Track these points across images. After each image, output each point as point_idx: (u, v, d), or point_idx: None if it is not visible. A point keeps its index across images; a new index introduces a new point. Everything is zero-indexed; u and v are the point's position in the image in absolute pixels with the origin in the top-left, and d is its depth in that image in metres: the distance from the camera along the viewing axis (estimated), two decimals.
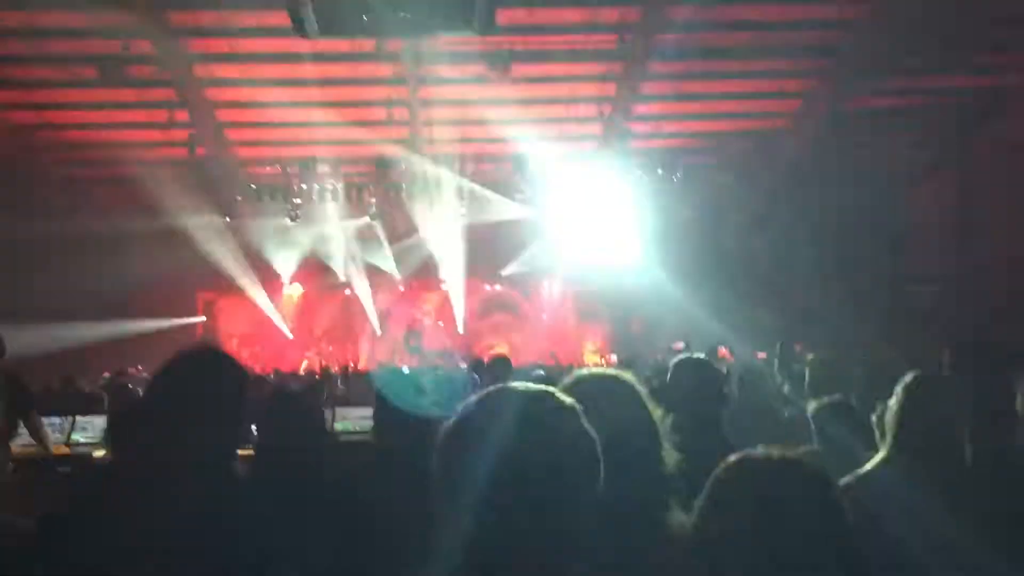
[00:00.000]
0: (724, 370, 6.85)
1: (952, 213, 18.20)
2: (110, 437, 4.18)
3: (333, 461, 3.59)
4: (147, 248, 18.46)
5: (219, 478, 2.32)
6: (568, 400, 1.61)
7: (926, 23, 14.12)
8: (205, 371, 2.37)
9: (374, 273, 21.65)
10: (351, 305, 22.30)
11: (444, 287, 22.17)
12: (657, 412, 2.30)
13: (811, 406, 4.56)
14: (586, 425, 1.57)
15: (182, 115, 15.52)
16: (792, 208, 17.20)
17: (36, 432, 5.88)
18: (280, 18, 11.57)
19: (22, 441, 5.68)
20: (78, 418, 6.72)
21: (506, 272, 21.76)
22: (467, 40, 13.53)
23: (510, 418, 1.52)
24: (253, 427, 3.67)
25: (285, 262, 20.95)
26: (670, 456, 2.23)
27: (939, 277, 17.97)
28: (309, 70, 14.80)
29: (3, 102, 15.57)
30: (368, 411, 3.76)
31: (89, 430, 6.68)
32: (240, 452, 5.15)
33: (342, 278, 21.72)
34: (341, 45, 13.39)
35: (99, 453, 6.16)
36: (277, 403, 3.74)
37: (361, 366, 19.45)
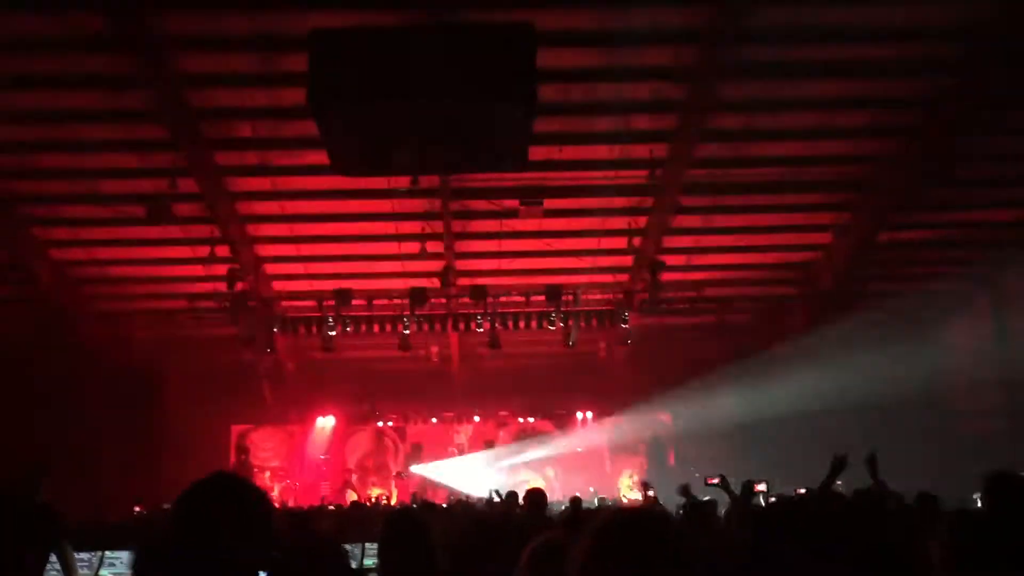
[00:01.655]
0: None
1: (989, 343, 17.98)
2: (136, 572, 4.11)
3: None
4: (183, 381, 18.66)
5: None
6: None
7: (955, 156, 14.36)
8: (225, 498, 2.35)
9: (406, 405, 21.63)
10: (383, 437, 22.20)
11: (476, 419, 22.05)
12: None
13: None
14: None
15: (223, 250, 15.91)
16: (829, 343, 17.06)
17: (67, 567, 5.84)
18: (319, 157, 12.02)
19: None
20: (107, 553, 6.66)
21: (541, 405, 21.66)
22: (500, 175, 13.94)
23: None
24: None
25: (318, 393, 20.96)
26: None
27: (984, 412, 17.63)
28: (346, 205, 15.24)
29: (50, 239, 16.08)
30: None
31: (117, 566, 6.60)
32: None
33: (374, 410, 21.72)
34: (378, 181, 13.79)
35: None
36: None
37: (394, 500, 19.20)
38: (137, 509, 13.02)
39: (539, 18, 8.71)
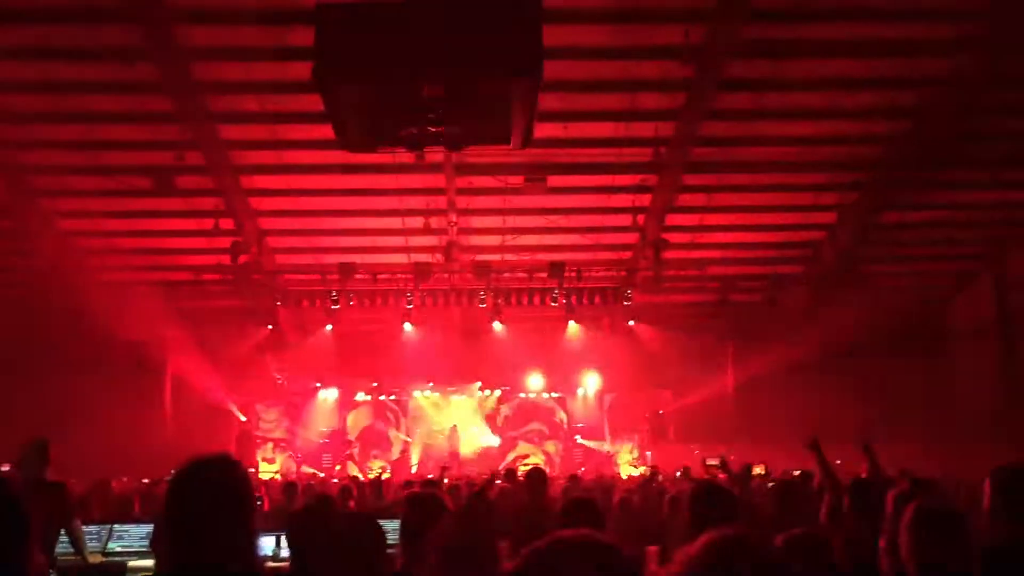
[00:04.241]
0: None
1: (991, 320, 18.05)
2: (155, 546, 4.22)
3: None
4: (186, 352, 18.73)
5: None
6: None
7: (962, 137, 14.33)
8: (211, 480, 2.43)
9: (408, 379, 21.68)
10: (384, 410, 22.29)
11: (478, 394, 22.12)
12: None
13: None
14: None
15: (227, 223, 15.94)
16: (828, 321, 17.12)
17: (76, 540, 5.93)
18: (325, 131, 12.01)
19: (60, 549, 5.70)
20: (115, 526, 6.71)
21: (542, 380, 21.71)
22: (505, 152, 13.91)
23: None
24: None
25: (319, 366, 20.99)
26: None
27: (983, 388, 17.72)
28: (351, 180, 15.24)
29: (57, 210, 16.10)
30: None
31: (125, 539, 6.66)
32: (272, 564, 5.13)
33: (374, 383, 21.80)
34: (382, 157, 13.76)
35: (134, 563, 6.13)
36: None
37: (392, 474, 19.28)
38: (145, 480, 13.10)
39: None
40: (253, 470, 18.60)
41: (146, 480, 13.05)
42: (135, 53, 11.60)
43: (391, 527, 3.61)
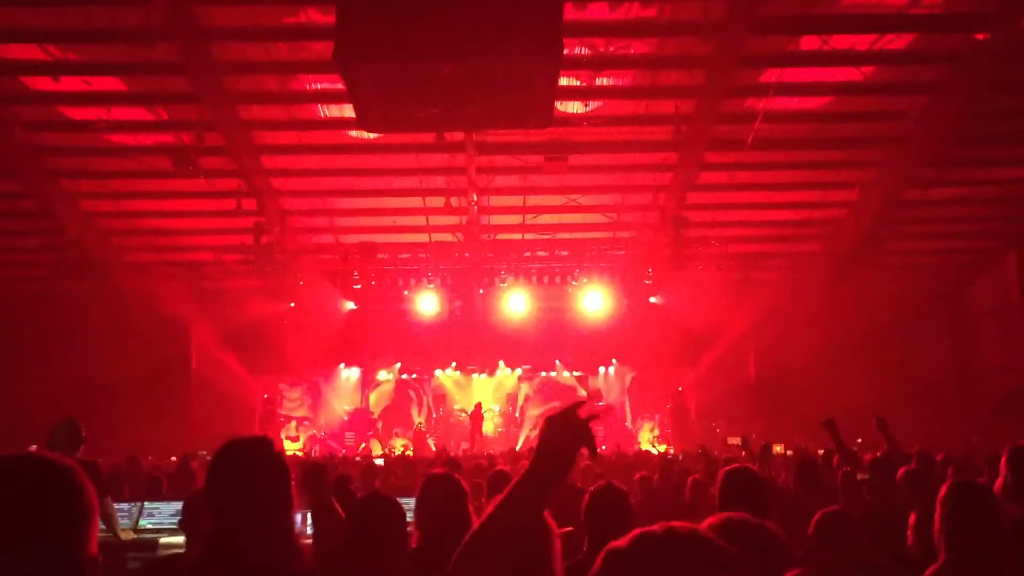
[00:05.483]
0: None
1: (1015, 297, 17.88)
2: (184, 524, 4.29)
3: None
4: (208, 331, 18.90)
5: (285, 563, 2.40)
6: None
7: (985, 113, 14.15)
8: (254, 462, 2.48)
9: (430, 357, 21.78)
10: (406, 389, 22.45)
11: (500, 373, 22.22)
12: None
13: None
14: None
15: (249, 204, 16.00)
16: (850, 299, 17.04)
17: (108, 518, 6.03)
18: (346, 111, 12.07)
19: None
20: (146, 504, 6.82)
21: (563, 359, 21.78)
22: (525, 131, 13.90)
23: None
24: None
25: (341, 345, 21.12)
26: None
27: (1007, 367, 17.59)
28: (372, 160, 15.28)
29: (80, 191, 16.24)
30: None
31: (156, 516, 6.77)
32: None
33: (397, 363, 21.95)
34: (403, 137, 13.80)
35: (166, 540, 6.23)
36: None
37: (414, 451, 19.42)
38: (173, 459, 13.24)
39: None
40: None
41: (173, 458, 13.19)
42: (154, 34, 11.63)
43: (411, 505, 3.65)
